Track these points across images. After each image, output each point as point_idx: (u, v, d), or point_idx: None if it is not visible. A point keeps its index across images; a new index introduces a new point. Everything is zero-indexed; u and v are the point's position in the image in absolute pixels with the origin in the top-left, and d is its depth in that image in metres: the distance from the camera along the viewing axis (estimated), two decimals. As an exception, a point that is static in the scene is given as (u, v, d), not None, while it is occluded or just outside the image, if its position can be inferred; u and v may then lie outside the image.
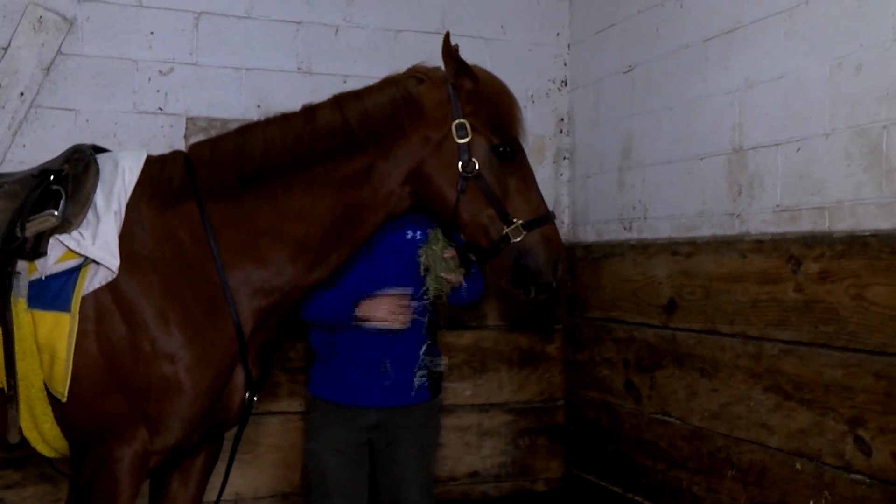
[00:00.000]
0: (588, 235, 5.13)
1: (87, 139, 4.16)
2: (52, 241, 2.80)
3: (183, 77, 4.59)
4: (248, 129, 2.91)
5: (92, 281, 2.77)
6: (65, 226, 2.80)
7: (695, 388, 4.12)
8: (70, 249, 2.79)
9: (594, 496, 4.93)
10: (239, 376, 2.88)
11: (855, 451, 3.20)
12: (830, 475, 3.32)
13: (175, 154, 3.00)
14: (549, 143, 5.28)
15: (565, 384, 5.28)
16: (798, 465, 3.47)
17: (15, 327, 2.78)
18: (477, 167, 2.82)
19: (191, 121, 4.60)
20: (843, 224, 3.30)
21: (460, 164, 2.83)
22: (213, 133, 4.53)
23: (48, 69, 4.32)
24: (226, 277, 2.85)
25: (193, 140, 4.51)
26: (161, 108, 4.56)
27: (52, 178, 2.93)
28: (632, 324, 4.65)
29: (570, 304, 5.24)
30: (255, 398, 2.98)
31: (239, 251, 2.83)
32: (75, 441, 2.84)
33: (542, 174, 5.19)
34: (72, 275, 2.79)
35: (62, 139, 2.94)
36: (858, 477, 3.20)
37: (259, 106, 4.70)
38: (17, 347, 2.78)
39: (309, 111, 2.89)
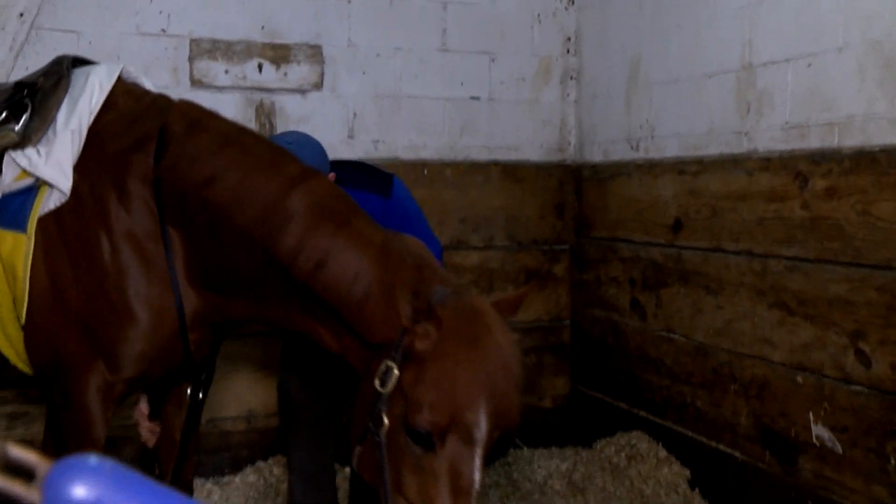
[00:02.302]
0: (594, 156, 5.11)
1: None
2: (6, 157, 2.76)
3: None
4: (234, 158, 2.64)
5: (47, 202, 2.72)
6: (24, 142, 2.76)
7: (700, 306, 4.16)
8: (22, 168, 2.75)
9: (600, 412, 4.99)
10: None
11: (855, 363, 3.25)
12: (830, 387, 3.37)
13: (154, 107, 2.86)
14: (556, 63, 5.24)
15: (571, 303, 5.32)
16: (799, 379, 3.52)
17: None
18: (384, 430, 2.26)
19: (195, 42, 4.56)
20: (852, 140, 3.29)
21: (370, 415, 2.30)
22: (218, 55, 4.56)
23: None
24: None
25: (199, 62, 4.53)
26: (164, 30, 4.52)
27: (25, 91, 2.87)
28: (638, 243, 4.67)
29: (576, 224, 5.26)
30: (200, 395, 2.91)
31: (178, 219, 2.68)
32: (43, 371, 2.83)
33: (549, 95, 5.26)
34: (29, 194, 2.75)
35: None
36: (857, 388, 3.25)
37: (263, 28, 4.67)
38: None
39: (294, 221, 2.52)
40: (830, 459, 3.38)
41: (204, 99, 4.44)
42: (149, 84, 3.07)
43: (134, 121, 2.81)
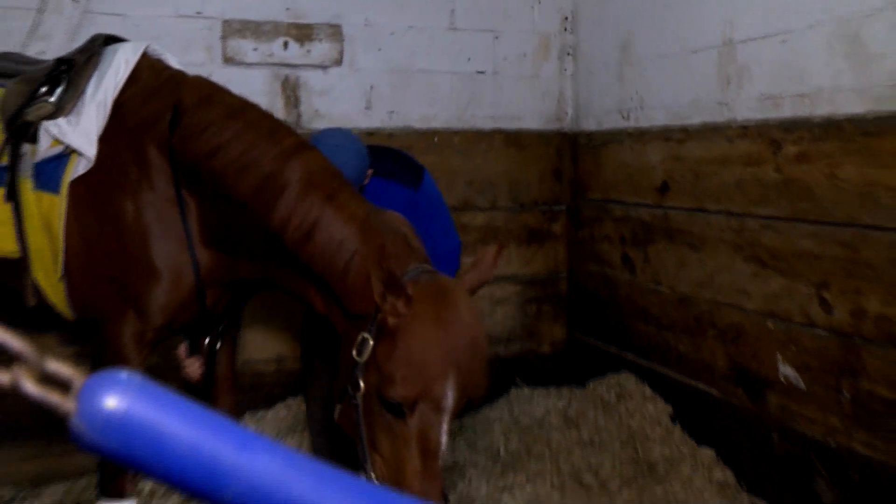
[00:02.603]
0: (589, 125, 5.12)
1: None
2: (42, 126, 2.78)
3: None
4: (237, 132, 2.63)
5: (77, 167, 2.75)
6: (57, 112, 2.78)
7: (683, 260, 4.20)
8: (53, 136, 2.78)
9: (592, 355, 5.05)
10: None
11: (819, 310, 3.30)
12: (797, 332, 3.42)
13: (171, 81, 2.86)
14: (554, 40, 5.24)
15: (568, 259, 5.34)
16: (770, 325, 3.57)
17: (25, 204, 2.80)
18: (360, 394, 2.28)
19: (226, 23, 4.56)
20: (821, 110, 3.31)
21: (348, 379, 2.32)
22: (248, 34, 4.59)
23: None
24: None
25: (231, 40, 4.57)
26: (199, 13, 4.53)
27: (62, 67, 2.90)
28: (628, 204, 4.69)
29: (572, 187, 5.28)
30: (218, 344, 2.94)
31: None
32: (83, 319, 2.88)
33: (548, 70, 5.25)
34: (62, 159, 2.78)
35: None
36: (820, 332, 3.30)
37: (288, 9, 4.67)
38: (29, 223, 2.81)
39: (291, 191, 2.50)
40: (794, 395, 3.44)
41: (235, 74, 4.54)
42: (172, 60, 3.07)
43: (153, 94, 2.82)
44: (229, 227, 2.68)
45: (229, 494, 0.76)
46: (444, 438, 2.18)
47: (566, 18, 5.26)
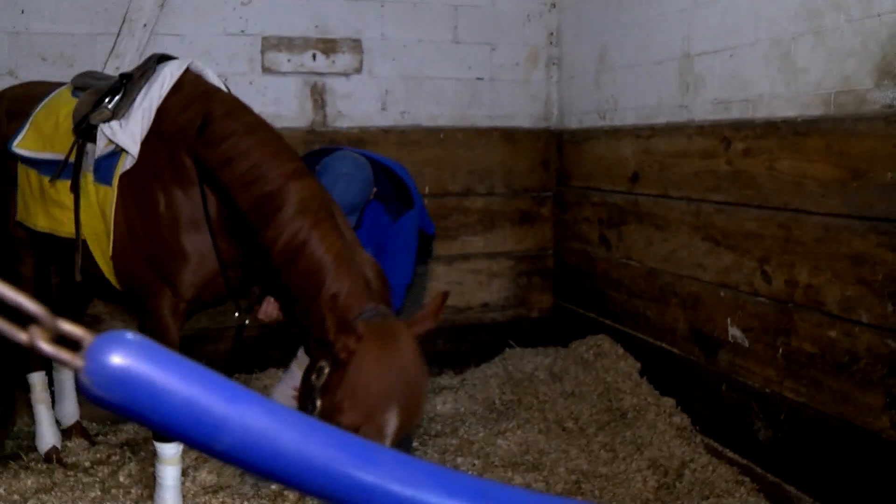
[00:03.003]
0: (572, 123, 5.15)
1: (190, 56, 4.26)
2: (99, 128, 2.83)
3: (259, 6, 4.66)
4: (250, 148, 2.61)
5: (125, 163, 2.79)
6: (113, 117, 2.81)
7: (651, 239, 4.26)
8: (107, 137, 2.82)
9: (575, 320, 5.10)
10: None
11: (761, 281, 3.39)
12: (743, 299, 3.51)
13: (206, 94, 2.85)
14: (542, 52, 5.27)
15: (554, 237, 5.37)
16: (722, 294, 3.65)
17: (85, 194, 2.85)
18: (316, 414, 2.17)
19: (265, 39, 4.68)
20: (761, 113, 3.38)
21: (306, 398, 2.24)
22: (282, 48, 4.73)
23: (162, 5, 4.41)
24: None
25: (268, 53, 4.73)
26: (243, 31, 4.65)
27: (123, 80, 2.95)
28: (605, 191, 4.73)
29: (558, 176, 5.32)
30: (247, 322, 2.90)
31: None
32: (129, 291, 2.93)
33: (537, 76, 5.28)
34: (115, 156, 2.82)
35: None
36: (761, 299, 3.39)
37: (317, 26, 4.77)
38: (86, 211, 2.86)
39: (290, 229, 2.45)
40: (740, 352, 3.52)
41: (272, 81, 4.69)
42: (212, 76, 3.06)
43: (189, 104, 2.82)
44: (239, 228, 2.68)
45: (221, 445, 0.74)
46: None
47: (552, 34, 5.28)
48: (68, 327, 0.73)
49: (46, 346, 0.73)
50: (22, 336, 0.72)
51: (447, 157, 5.10)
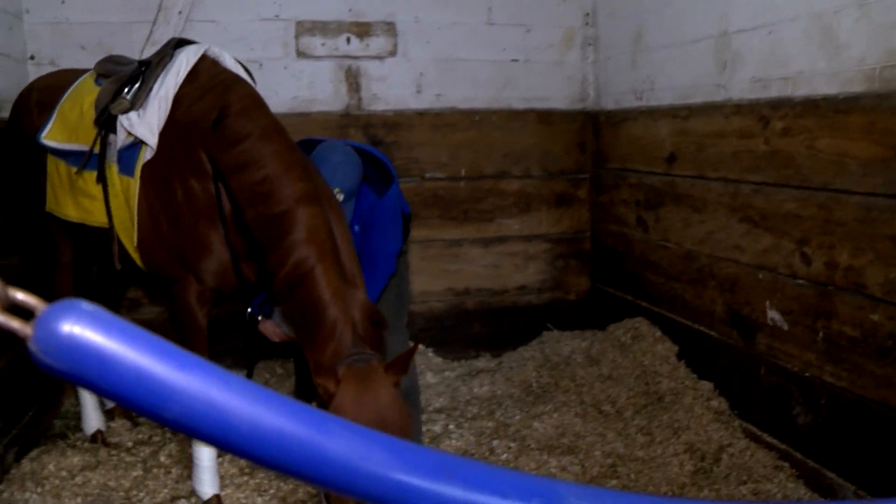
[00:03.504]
0: (608, 104, 5.09)
1: (225, 42, 4.32)
2: (118, 120, 2.81)
3: None
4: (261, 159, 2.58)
5: (146, 154, 2.78)
6: (131, 107, 2.79)
7: (688, 221, 4.19)
8: (125, 128, 2.80)
9: (612, 303, 5.07)
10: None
11: (800, 263, 3.31)
12: (782, 282, 3.43)
13: (222, 84, 2.81)
14: (577, 33, 5.19)
15: (591, 220, 5.32)
16: (760, 276, 3.58)
17: (111, 184, 2.86)
18: None
19: (299, 24, 4.68)
20: (801, 91, 3.29)
21: None
22: (316, 32, 4.73)
23: None
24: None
25: (302, 38, 4.72)
26: (277, 16, 4.65)
27: (142, 68, 2.93)
28: (641, 172, 4.67)
29: (594, 158, 5.26)
30: (259, 317, 2.91)
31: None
32: (157, 277, 2.97)
33: (572, 58, 5.20)
34: (136, 147, 2.81)
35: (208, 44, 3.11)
36: (800, 281, 3.32)
37: (350, 10, 4.77)
38: (114, 201, 2.87)
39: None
40: (779, 335, 3.46)
41: (306, 66, 4.70)
42: (229, 61, 3.02)
43: (205, 94, 2.78)
44: (246, 228, 2.68)
45: (171, 413, 0.73)
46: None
47: (587, 14, 5.20)
48: (21, 296, 0.74)
49: None
50: None
51: (482, 139, 5.07)
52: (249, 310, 2.93)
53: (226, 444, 0.76)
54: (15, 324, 0.73)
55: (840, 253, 3.11)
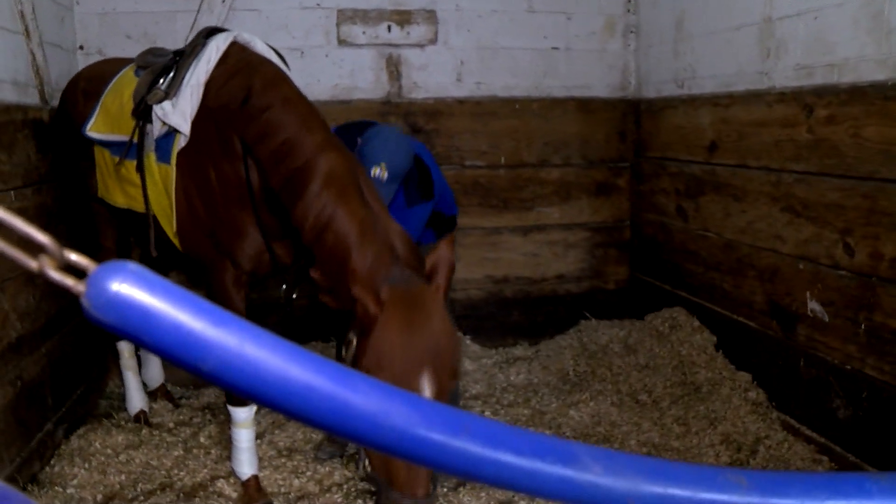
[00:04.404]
0: (650, 93, 5.03)
1: (267, 31, 4.36)
2: (153, 110, 2.84)
3: None
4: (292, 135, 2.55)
5: (181, 142, 2.80)
6: (166, 97, 2.82)
7: (728, 210, 4.14)
8: (158, 116, 2.83)
9: (650, 292, 5.03)
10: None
11: (843, 254, 3.24)
12: (824, 272, 3.37)
13: (249, 67, 2.80)
14: (619, 20, 5.12)
15: (630, 209, 5.28)
16: (801, 266, 3.51)
17: (150, 173, 2.89)
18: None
19: (340, 12, 4.68)
20: (847, 78, 3.21)
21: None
22: (358, 21, 4.74)
23: None
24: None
25: (344, 26, 4.73)
26: (318, 4, 4.66)
27: (176, 58, 2.96)
28: (682, 161, 4.61)
29: (635, 147, 5.20)
30: (294, 295, 2.87)
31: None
32: (196, 261, 3.00)
33: (613, 46, 5.12)
34: (171, 136, 2.83)
35: (251, 33, 3.09)
36: (843, 273, 3.25)
37: None
38: (153, 188, 2.90)
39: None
40: (819, 327, 3.39)
41: (347, 53, 4.71)
42: (260, 45, 3.01)
43: (231, 76, 2.79)
44: (275, 199, 2.67)
45: (207, 366, 0.77)
46: None
47: (629, 1, 5.11)
48: (75, 257, 0.78)
49: (54, 273, 0.77)
50: (32, 263, 0.77)
51: (522, 127, 5.04)
52: (285, 286, 2.93)
53: (258, 397, 0.80)
54: (69, 281, 0.77)
55: (885, 244, 3.02)
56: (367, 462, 2.11)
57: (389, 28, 4.79)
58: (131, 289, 0.76)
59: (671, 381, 4.12)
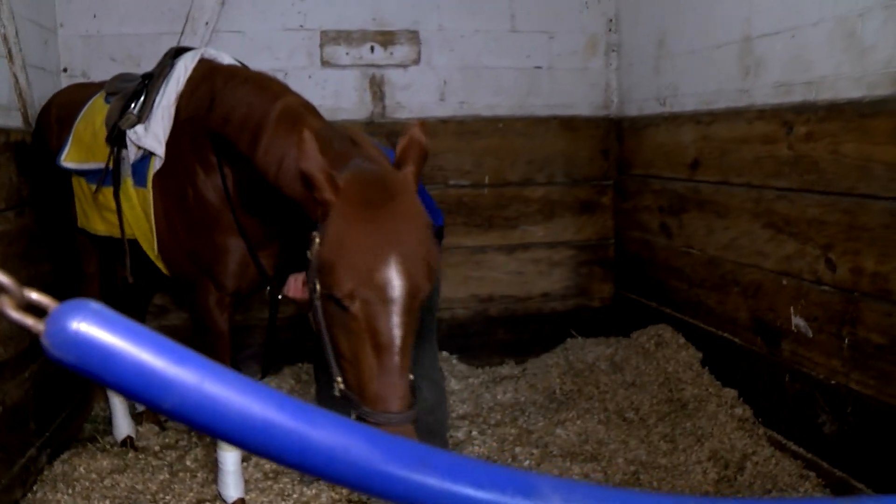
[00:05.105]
0: (632, 111, 5.05)
1: (251, 52, 4.34)
2: (127, 134, 2.81)
3: (316, 0, 4.69)
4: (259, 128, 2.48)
5: (155, 164, 2.77)
6: (138, 121, 2.80)
7: (711, 227, 4.15)
8: (133, 142, 2.80)
9: (636, 309, 5.02)
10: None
11: (825, 269, 3.25)
12: (806, 288, 3.38)
13: (209, 75, 2.79)
14: (601, 39, 5.16)
15: (614, 226, 5.28)
16: (784, 282, 3.53)
17: (128, 198, 2.85)
18: (317, 294, 1.89)
19: (324, 33, 4.70)
20: (825, 95, 3.24)
21: (308, 282, 1.94)
22: (341, 41, 4.75)
23: (223, 2, 4.49)
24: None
25: (327, 47, 4.75)
26: (301, 25, 4.68)
27: (145, 81, 2.93)
28: (665, 178, 4.63)
29: (618, 164, 5.22)
30: (280, 296, 2.75)
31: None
32: (177, 282, 2.95)
33: (595, 64, 5.15)
34: (146, 159, 2.80)
35: (234, 54, 3.07)
36: (825, 288, 3.26)
37: (374, 19, 4.77)
38: (131, 214, 2.85)
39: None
40: (804, 342, 3.40)
41: (331, 74, 4.72)
42: (227, 59, 2.97)
43: (197, 87, 2.77)
44: (251, 189, 2.57)
45: (167, 404, 0.78)
46: (397, 332, 1.77)
47: (610, 20, 5.17)
48: (35, 296, 0.79)
49: (13, 313, 0.78)
50: None
51: (506, 146, 5.06)
52: (269, 287, 2.84)
53: (218, 433, 0.80)
54: (29, 321, 0.78)
55: (865, 259, 3.04)
56: (339, 379, 1.89)
57: (373, 49, 4.82)
58: (90, 327, 0.76)
59: (658, 399, 4.11)
